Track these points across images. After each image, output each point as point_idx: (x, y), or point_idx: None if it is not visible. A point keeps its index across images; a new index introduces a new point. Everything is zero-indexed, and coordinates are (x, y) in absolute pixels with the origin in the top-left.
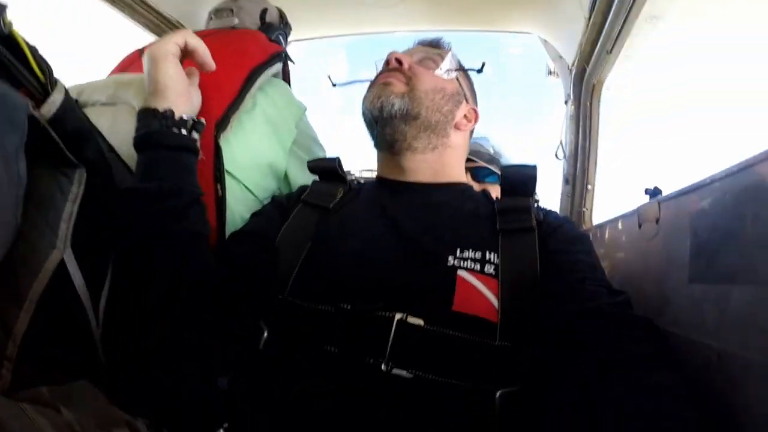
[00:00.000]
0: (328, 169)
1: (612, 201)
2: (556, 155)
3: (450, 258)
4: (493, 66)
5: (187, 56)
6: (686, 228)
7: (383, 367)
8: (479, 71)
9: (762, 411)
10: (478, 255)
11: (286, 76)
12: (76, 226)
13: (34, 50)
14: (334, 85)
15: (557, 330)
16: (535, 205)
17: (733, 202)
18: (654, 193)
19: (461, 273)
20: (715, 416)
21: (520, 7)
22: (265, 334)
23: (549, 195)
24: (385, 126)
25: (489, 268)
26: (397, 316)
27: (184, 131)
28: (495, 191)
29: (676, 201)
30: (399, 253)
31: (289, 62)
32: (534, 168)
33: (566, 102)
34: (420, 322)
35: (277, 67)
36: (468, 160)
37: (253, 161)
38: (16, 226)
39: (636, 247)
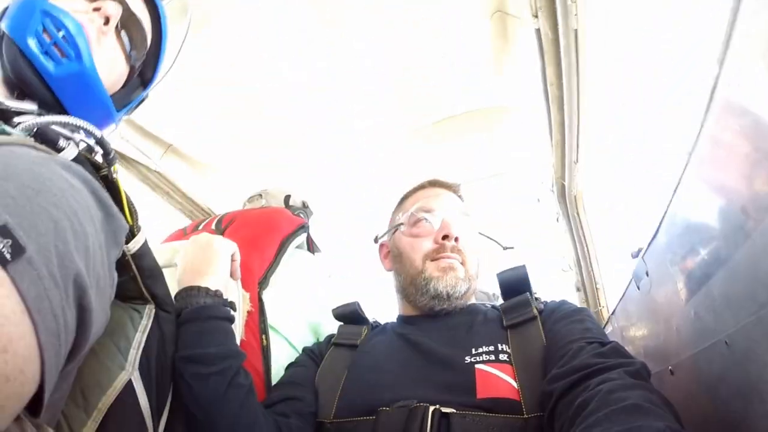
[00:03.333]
0: (351, 313)
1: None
2: (562, 269)
3: (467, 357)
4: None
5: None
6: (667, 262)
7: None
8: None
9: None
10: (491, 348)
11: (310, 246)
12: (144, 352)
13: (128, 197)
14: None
15: (554, 391)
16: (536, 299)
17: (682, 226)
18: (638, 253)
19: (479, 366)
20: None
21: (499, 151)
22: None
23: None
24: (449, 300)
25: (503, 356)
26: (431, 408)
27: (227, 307)
28: None
29: (652, 247)
30: (422, 363)
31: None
32: (523, 267)
33: (557, 219)
34: (452, 410)
35: (303, 237)
36: None
37: (292, 317)
38: (107, 320)
39: (643, 308)
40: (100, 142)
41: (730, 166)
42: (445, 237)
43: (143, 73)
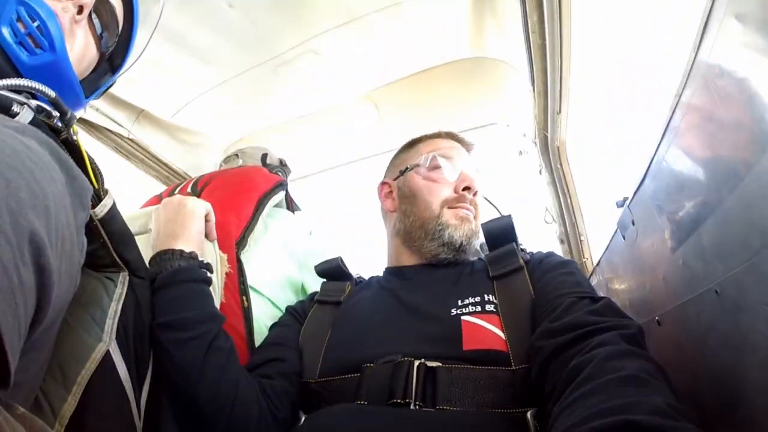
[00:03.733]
0: (334, 269)
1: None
2: (545, 221)
3: (453, 310)
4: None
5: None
6: (654, 210)
7: (413, 406)
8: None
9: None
10: (477, 299)
11: (289, 205)
12: (120, 322)
13: (91, 159)
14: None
15: (545, 347)
16: (522, 250)
17: (670, 173)
18: (623, 203)
19: (465, 318)
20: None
21: (480, 103)
22: (303, 419)
23: None
24: (457, 251)
25: (489, 307)
26: (416, 362)
27: (203, 269)
28: None
29: (638, 195)
30: (407, 317)
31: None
32: (509, 217)
33: (540, 172)
34: (437, 364)
35: (281, 195)
36: None
37: (273, 276)
38: (75, 286)
39: (629, 259)
40: (55, 102)
41: (720, 108)
42: (466, 189)
43: (113, 58)
